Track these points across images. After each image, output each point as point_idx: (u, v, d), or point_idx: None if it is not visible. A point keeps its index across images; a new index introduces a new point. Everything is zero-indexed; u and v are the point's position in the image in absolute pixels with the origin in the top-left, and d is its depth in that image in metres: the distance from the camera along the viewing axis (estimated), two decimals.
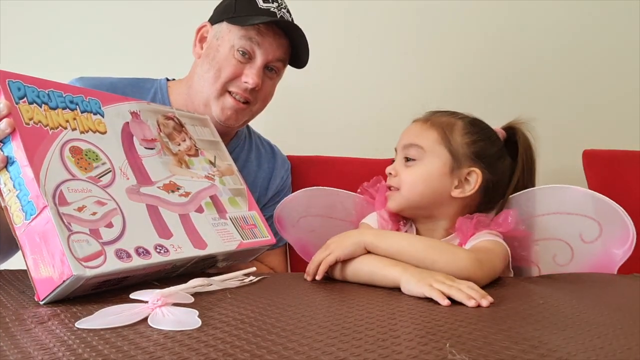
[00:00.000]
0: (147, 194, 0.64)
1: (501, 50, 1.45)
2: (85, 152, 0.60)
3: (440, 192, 0.76)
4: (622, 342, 0.40)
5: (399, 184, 0.78)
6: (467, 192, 0.76)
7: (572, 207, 0.72)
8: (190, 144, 0.80)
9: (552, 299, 0.56)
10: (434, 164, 0.76)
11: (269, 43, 0.92)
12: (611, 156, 1.22)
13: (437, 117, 0.80)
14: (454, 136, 0.77)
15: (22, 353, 0.36)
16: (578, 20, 1.44)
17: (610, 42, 1.43)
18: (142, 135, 0.71)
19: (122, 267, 0.53)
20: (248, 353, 0.36)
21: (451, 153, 0.76)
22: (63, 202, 0.53)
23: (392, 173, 0.79)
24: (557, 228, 0.74)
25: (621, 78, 1.43)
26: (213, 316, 0.47)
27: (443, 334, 0.41)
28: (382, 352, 0.37)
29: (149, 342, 0.39)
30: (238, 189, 0.82)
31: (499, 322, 0.46)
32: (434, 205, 0.78)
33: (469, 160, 0.76)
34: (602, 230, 0.70)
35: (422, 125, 0.80)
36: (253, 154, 1.09)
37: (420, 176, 0.76)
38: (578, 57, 1.44)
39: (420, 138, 0.78)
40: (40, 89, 0.60)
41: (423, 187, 0.76)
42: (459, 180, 0.76)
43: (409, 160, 0.78)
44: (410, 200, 0.77)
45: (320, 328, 0.43)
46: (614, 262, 0.70)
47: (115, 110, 0.69)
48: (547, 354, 0.37)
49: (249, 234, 0.76)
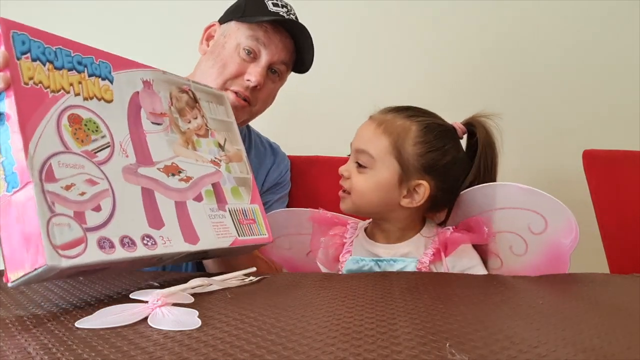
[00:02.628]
0: (145, 176, 0.60)
1: (501, 50, 1.45)
2: (85, 122, 0.55)
3: (389, 202, 0.77)
4: (622, 342, 0.40)
5: (350, 189, 0.78)
6: (416, 203, 0.76)
7: (517, 202, 0.74)
8: (201, 122, 0.75)
9: (551, 299, 0.56)
10: (383, 175, 0.76)
11: (275, 44, 0.93)
12: (611, 156, 1.22)
13: (392, 119, 0.78)
14: (405, 147, 0.75)
15: (22, 353, 0.36)
16: (578, 21, 1.44)
17: (611, 42, 1.43)
18: (151, 108, 0.65)
19: (102, 259, 0.50)
20: (248, 353, 0.36)
21: (400, 165, 0.75)
22: (50, 178, 0.49)
23: (344, 175, 0.79)
24: (507, 221, 0.76)
25: (621, 78, 1.43)
26: (213, 316, 0.47)
27: (443, 334, 0.41)
28: (382, 352, 0.37)
29: (149, 342, 0.39)
30: (244, 178, 0.78)
31: (499, 322, 0.46)
32: (384, 211, 0.79)
33: (418, 173, 0.75)
34: (547, 222, 0.72)
35: (375, 129, 0.77)
36: (252, 153, 1.09)
37: (369, 186, 0.76)
38: (578, 57, 1.44)
39: (372, 145, 0.76)
40: (47, 45, 0.54)
41: (371, 197, 0.77)
42: (408, 190, 0.76)
43: (360, 166, 0.77)
44: (360, 207, 0.79)
45: (320, 328, 0.43)
46: (565, 251, 0.72)
47: (126, 76, 0.63)
48: (546, 354, 0.37)
49: (246, 230, 0.73)
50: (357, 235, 0.85)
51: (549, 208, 0.72)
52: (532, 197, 0.73)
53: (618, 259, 1.13)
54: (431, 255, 0.76)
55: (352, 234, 0.85)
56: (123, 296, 0.54)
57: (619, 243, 1.13)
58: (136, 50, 1.36)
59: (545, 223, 0.72)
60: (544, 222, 0.72)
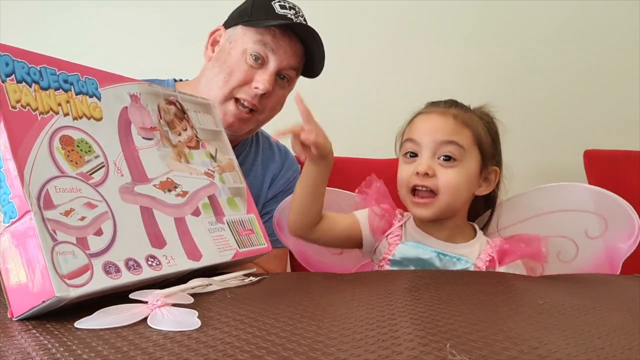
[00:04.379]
0: (142, 194, 0.59)
1: (502, 50, 1.45)
2: (77, 143, 0.54)
3: (472, 194, 0.76)
4: (623, 342, 0.40)
5: (437, 187, 0.72)
6: (488, 190, 0.76)
7: (576, 204, 0.73)
8: (191, 134, 0.74)
9: (552, 299, 0.56)
10: (472, 165, 0.74)
11: (284, 50, 0.89)
12: (612, 156, 1.22)
13: (459, 112, 0.76)
14: (482, 136, 0.75)
15: (21, 353, 0.36)
16: (578, 20, 1.44)
17: (611, 42, 1.43)
18: (141, 123, 0.64)
19: (109, 285, 0.48)
20: (248, 353, 0.36)
21: (482, 153, 0.75)
22: (48, 205, 0.47)
23: (428, 173, 0.72)
24: (562, 225, 0.74)
25: (622, 78, 1.43)
26: (213, 316, 0.47)
27: (443, 334, 0.41)
28: (382, 352, 0.37)
29: (149, 343, 0.38)
30: (238, 187, 0.78)
31: (499, 322, 0.45)
32: (464, 206, 0.77)
33: (492, 160, 0.76)
34: (607, 225, 0.70)
35: (455, 121, 0.74)
36: (260, 158, 1.06)
37: (462, 179, 0.72)
38: (579, 57, 1.44)
39: (459, 136, 0.73)
40: (31, 65, 0.52)
41: (463, 191, 0.73)
42: (483, 179, 0.76)
43: (449, 160, 0.72)
44: (451, 206, 0.73)
45: (320, 329, 0.43)
46: (618, 257, 0.70)
47: (113, 92, 0.62)
48: (547, 354, 0.36)
49: (245, 241, 0.72)
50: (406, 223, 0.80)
51: (613, 210, 0.69)
52: (597, 198, 0.71)
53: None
54: (487, 262, 0.74)
55: (401, 219, 0.81)
56: (123, 296, 0.54)
57: None
58: (138, 54, 1.37)
59: (605, 226, 0.70)
60: (603, 225, 0.70)
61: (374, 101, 1.41)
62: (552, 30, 1.44)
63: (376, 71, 1.43)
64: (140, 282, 0.53)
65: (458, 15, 1.43)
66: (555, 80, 1.44)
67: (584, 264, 0.74)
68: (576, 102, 1.44)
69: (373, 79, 1.42)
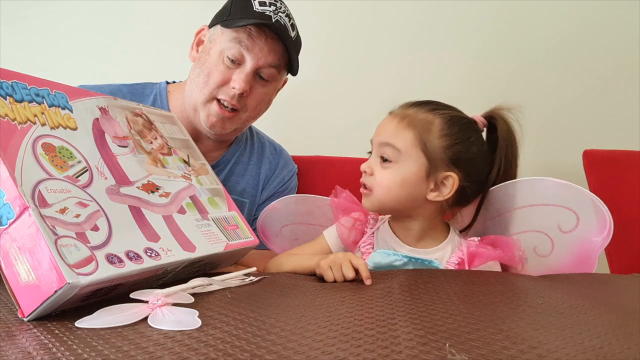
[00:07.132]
0: (128, 195, 0.60)
1: (501, 50, 1.45)
2: (58, 150, 0.55)
3: (416, 196, 0.75)
4: (622, 342, 0.40)
5: (373, 186, 0.76)
6: (444, 196, 0.75)
7: (549, 199, 0.73)
8: (162, 142, 0.76)
9: (551, 299, 0.56)
10: (410, 168, 0.74)
11: (260, 48, 0.88)
12: (611, 156, 1.22)
13: (415, 113, 0.77)
14: (431, 139, 0.74)
15: (22, 353, 0.36)
16: (578, 20, 1.44)
17: (611, 42, 1.43)
18: (113, 133, 0.66)
19: (116, 274, 0.49)
20: (248, 353, 0.36)
21: (427, 157, 0.74)
22: (43, 203, 0.48)
23: (367, 171, 0.77)
24: (536, 220, 0.74)
25: (621, 78, 1.43)
26: (213, 316, 0.47)
27: (443, 334, 0.41)
28: (382, 352, 0.37)
29: (149, 342, 0.39)
30: (215, 188, 0.79)
31: (498, 322, 0.46)
32: (409, 207, 0.77)
33: (445, 165, 0.74)
34: (580, 219, 0.70)
35: (398, 123, 0.76)
36: (254, 157, 1.06)
37: (396, 180, 0.74)
38: (578, 57, 1.44)
39: (397, 138, 0.75)
40: (2, 80, 0.54)
41: (398, 191, 0.75)
42: (435, 183, 0.75)
43: (385, 161, 0.75)
44: (384, 203, 0.76)
45: (320, 328, 0.43)
46: (594, 251, 0.70)
47: (83, 105, 0.64)
48: (546, 354, 0.37)
49: (232, 235, 0.73)
50: (379, 229, 0.82)
51: (583, 204, 0.69)
52: (566, 192, 0.70)
53: (618, 258, 1.13)
54: (455, 265, 0.75)
55: (373, 225, 0.83)
56: (123, 296, 0.54)
57: (619, 243, 1.13)
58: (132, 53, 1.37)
59: (577, 220, 0.70)
60: (575, 219, 0.70)
61: (374, 102, 1.41)
62: (552, 31, 1.44)
63: (376, 71, 1.43)
64: (143, 272, 0.54)
65: (458, 15, 1.43)
66: (555, 80, 1.44)
67: (561, 258, 0.74)
68: (576, 102, 1.44)
69: (373, 79, 1.42)
